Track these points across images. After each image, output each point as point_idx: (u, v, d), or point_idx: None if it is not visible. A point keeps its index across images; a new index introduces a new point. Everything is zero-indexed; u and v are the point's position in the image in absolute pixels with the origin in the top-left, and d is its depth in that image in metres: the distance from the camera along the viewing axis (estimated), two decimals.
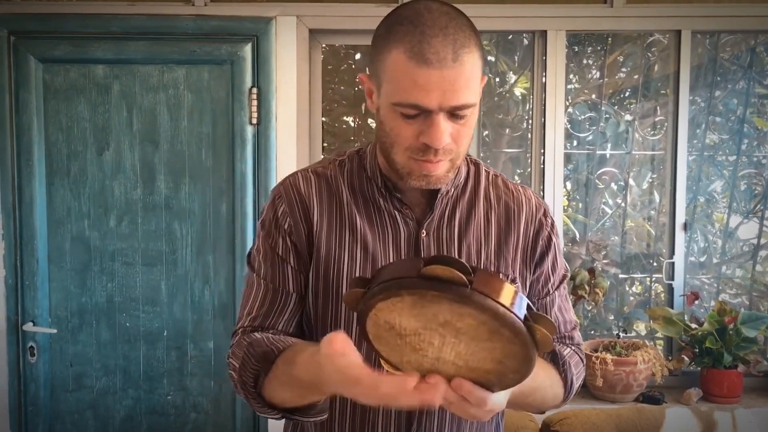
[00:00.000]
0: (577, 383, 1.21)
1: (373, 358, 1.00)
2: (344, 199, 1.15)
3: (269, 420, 2.39)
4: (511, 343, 0.81)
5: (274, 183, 2.53)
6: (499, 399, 0.88)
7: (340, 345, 0.83)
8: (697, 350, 2.55)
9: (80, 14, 2.49)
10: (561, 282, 1.23)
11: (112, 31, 2.50)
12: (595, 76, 2.89)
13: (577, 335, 1.25)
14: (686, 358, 2.58)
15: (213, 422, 2.61)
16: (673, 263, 2.69)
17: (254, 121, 2.52)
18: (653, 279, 2.83)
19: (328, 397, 1.03)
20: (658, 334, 2.74)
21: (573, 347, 1.23)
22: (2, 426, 2.55)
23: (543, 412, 1.22)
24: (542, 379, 1.11)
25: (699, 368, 2.59)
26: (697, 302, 2.65)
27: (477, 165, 1.22)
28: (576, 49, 2.83)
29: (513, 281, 1.16)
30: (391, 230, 1.14)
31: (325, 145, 2.79)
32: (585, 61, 2.92)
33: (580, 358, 1.23)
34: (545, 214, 1.21)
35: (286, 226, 1.13)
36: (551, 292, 1.21)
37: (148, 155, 2.55)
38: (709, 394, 2.53)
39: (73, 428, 2.60)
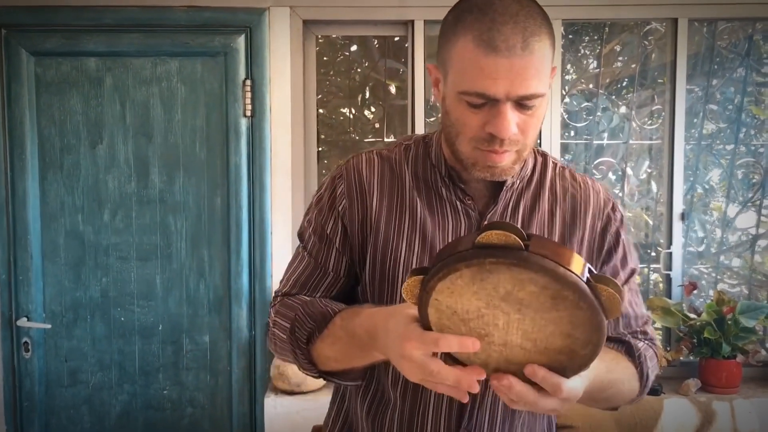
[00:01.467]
0: (652, 376, 1.17)
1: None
2: (406, 185, 1.13)
3: (265, 412, 2.38)
4: (577, 308, 0.77)
5: (269, 175, 2.51)
6: (574, 386, 0.85)
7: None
8: (696, 340, 2.54)
9: (72, 6, 2.47)
10: (630, 276, 1.19)
11: (105, 24, 2.48)
12: (592, 66, 2.87)
13: (650, 329, 1.21)
14: (684, 349, 2.57)
15: (209, 416, 2.60)
16: (671, 253, 2.68)
17: (248, 113, 2.50)
18: (651, 269, 2.81)
19: (365, 368, 1.06)
20: (657, 325, 2.72)
21: (647, 341, 1.19)
22: None
23: (616, 409, 1.18)
24: (619, 372, 1.09)
25: (697, 358, 2.58)
26: (695, 292, 2.64)
27: (545, 156, 1.19)
28: (572, 38, 2.81)
29: None
30: (452, 220, 1.11)
31: (322, 136, 2.77)
32: (582, 51, 2.90)
33: (654, 352, 1.19)
34: (614, 208, 1.18)
35: (340, 208, 1.13)
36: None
37: (141, 148, 2.53)
38: (707, 385, 2.52)
39: (68, 424, 2.59)
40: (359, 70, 2.86)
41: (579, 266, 0.77)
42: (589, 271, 0.79)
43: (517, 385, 0.83)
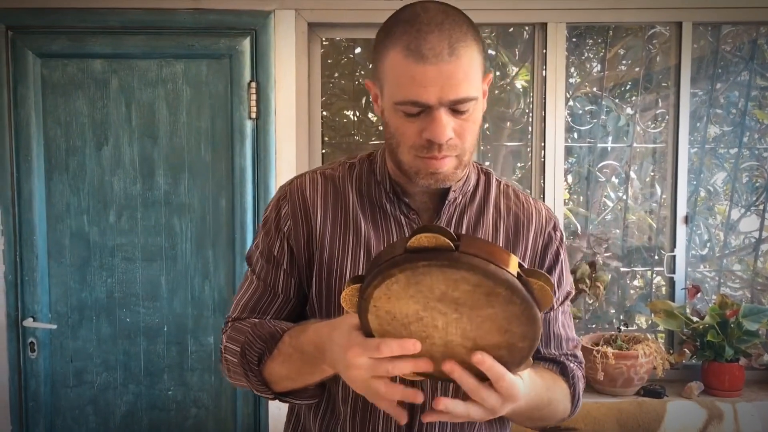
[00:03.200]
0: (581, 398, 1.21)
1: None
2: (350, 202, 1.15)
3: (270, 415, 2.39)
4: (510, 303, 0.79)
5: (274, 177, 2.52)
6: (516, 381, 0.87)
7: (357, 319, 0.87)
8: (699, 343, 2.55)
9: (78, 8, 2.48)
10: (565, 299, 1.21)
11: (110, 26, 2.49)
12: (596, 69, 2.88)
13: (579, 354, 1.23)
14: (687, 352, 2.58)
15: (214, 417, 2.61)
16: (674, 256, 2.68)
17: (253, 115, 2.51)
18: (654, 272, 2.82)
19: (320, 386, 1.07)
20: (660, 328, 2.73)
21: (576, 364, 1.21)
22: (3, 422, 2.55)
23: (545, 429, 1.22)
24: (557, 392, 1.11)
25: (700, 361, 2.58)
26: (698, 295, 2.64)
27: (488, 174, 1.21)
28: (576, 41, 2.82)
29: None
30: (396, 234, 1.13)
31: (326, 139, 2.78)
32: (586, 54, 2.90)
33: (582, 374, 1.23)
34: (555, 227, 1.19)
35: (285, 229, 1.14)
36: (555, 307, 1.18)
37: (147, 150, 2.54)
38: (710, 388, 2.52)
39: (73, 424, 2.60)
40: (363, 72, 2.86)
41: (510, 262, 0.79)
42: (520, 265, 0.81)
43: (457, 368, 0.85)
